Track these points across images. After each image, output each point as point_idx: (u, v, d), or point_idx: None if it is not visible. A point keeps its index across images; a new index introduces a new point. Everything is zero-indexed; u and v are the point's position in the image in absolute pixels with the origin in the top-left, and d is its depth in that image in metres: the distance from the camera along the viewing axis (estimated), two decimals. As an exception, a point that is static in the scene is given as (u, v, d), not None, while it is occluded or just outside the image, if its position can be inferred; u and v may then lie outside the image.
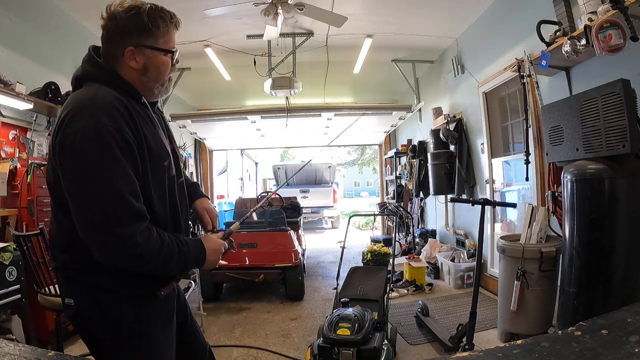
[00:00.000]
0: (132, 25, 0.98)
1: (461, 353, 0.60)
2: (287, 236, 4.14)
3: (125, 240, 0.90)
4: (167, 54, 1.04)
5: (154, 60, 1.03)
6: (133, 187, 0.93)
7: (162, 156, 1.05)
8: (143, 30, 0.99)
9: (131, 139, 0.94)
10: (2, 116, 2.88)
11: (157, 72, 1.05)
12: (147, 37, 1.00)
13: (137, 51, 1.00)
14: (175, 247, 1.00)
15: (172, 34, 1.05)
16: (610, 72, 2.24)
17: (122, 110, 0.94)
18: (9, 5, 2.98)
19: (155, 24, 1.00)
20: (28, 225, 2.68)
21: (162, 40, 1.03)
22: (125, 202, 0.90)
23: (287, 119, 5.84)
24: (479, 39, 4.14)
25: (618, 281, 1.90)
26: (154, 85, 1.06)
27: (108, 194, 0.89)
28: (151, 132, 1.03)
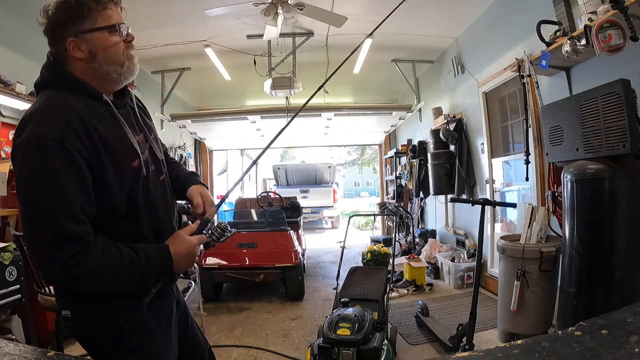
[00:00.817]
0: (64, 15, 0.93)
1: (461, 353, 0.60)
2: (287, 236, 4.14)
3: (54, 265, 0.85)
4: (112, 32, 0.96)
5: (99, 43, 0.95)
6: (69, 205, 0.85)
7: (129, 157, 0.97)
8: (76, 16, 0.93)
9: (77, 150, 0.86)
10: (2, 116, 2.88)
11: (106, 53, 0.97)
12: (82, 22, 0.94)
13: (77, 40, 0.94)
14: (126, 262, 0.92)
15: (111, 11, 0.97)
16: (610, 72, 2.24)
17: (70, 118, 0.87)
18: (9, 5, 2.98)
19: (85, 6, 0.93)
20: (28, 225, 2.68)
21: (100, 19, 0.95)
22: (54, 224, 0.83)
23: (287, 119, 5.85)
24: (479, 39, 4.14)
25: (618, 281, 1.90)
26: (108, 69, 0.98)
27: (39, 214, 0.84)
28: (115, 134, 0.96)
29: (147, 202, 1.03)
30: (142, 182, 1.01)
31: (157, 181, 1.09)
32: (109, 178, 0.92)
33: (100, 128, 0.92)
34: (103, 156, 0.91)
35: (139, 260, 0.94)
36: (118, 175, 0.94)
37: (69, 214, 0.85)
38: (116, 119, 0.99)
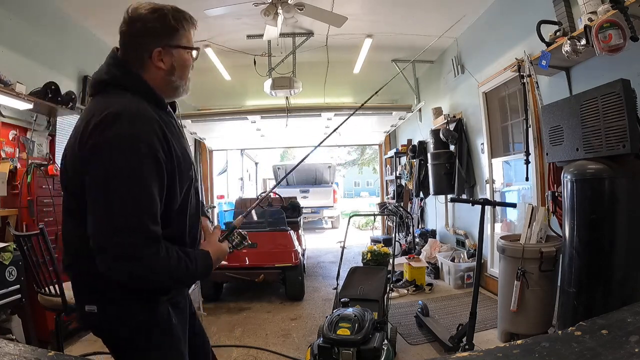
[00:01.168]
0: (160, 26, 1.00)
1: (461, 353, 0.60)
2: (287, 236, 4.14)
3: (132, 261, 0.89)
4: (190, 52, 1.07)
5: (180, 59, 1.05)
6: (153, 209, 0.91)
7: (187, 167, 1.04)
8: (170, 31, 1.01)
9: (162, 157, 0.92)
10: (2, 116, 2.88)
11: (183, 70, 1.06)
12: (173, 38, 1.02)
13: (164, 52, 1.01)
14: (182, 266, 0.97)
15: (192, 34, 1.08)
16: (610, 72, 2.24)
17: (156, 127, 0.93)
18: (9, 5, 2.98)
19: (180, 24, 1.03)
20: (28, 225, 2.68)
21: (185, 39, 1.05)
22: (141, 225, 0.88)
23: (287, 119, 5.84)
24: (479, 39, 4.14)
25: (618, 281, 1.90)
26: (180, 84, 1.07)
27: (128, 212, 0.88)
28: (179, 144, 1.02)
29: (192, 209, 1.09)
30: (194, 193, 1.09)
31: (196, 190, 1.15)
32: (175, 185, 0.98)
33: (172, 138, 0.98)
34: (175, 165, 0.97)
35: (191, 264, 0.99)
36: (181, 182, 1.00)
37: (153, 216, 0.91)
38: (178, 129, 1.06)
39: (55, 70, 3.46)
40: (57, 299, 2.03)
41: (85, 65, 3.96)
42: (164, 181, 0.94)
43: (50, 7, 3.46)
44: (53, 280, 2.08)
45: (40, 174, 2.80)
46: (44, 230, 2.00)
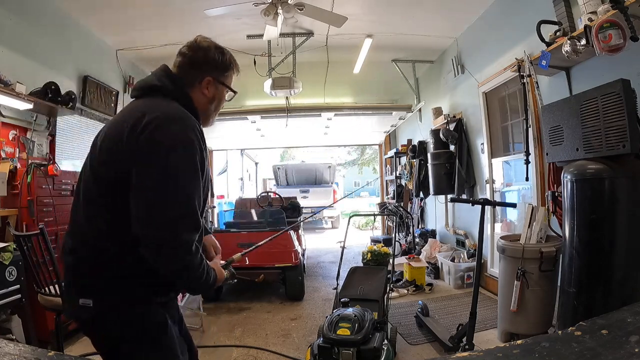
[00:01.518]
0: (218, 61, 1.16)
1: (461, 353, 0.60)
2: (287, 236, 4.14)
3: (184, 246, 0.96)
4: (228, 93, 1.22)
5: (220, 94, 1.19)
6: (200, 201, 1.02)
7: (209, 175, 1.14)
8: (223, 68, 1.17)
9: (200, 159, 1.01)
10: (2, 116, 2.88)
11: (219, 104, 1.21)
12: (223, 74, 1.18)
13: (213, 82, 1.16)
14: (209, 269, 1.07)
15: (233, 78, 1.22)
16: (610, 72, 2.24)
17: (199, 134, 1.04)
18: (9, 5, 2.98)
19: (231, 67, 1.19)
20: (28, 225, 2.68)
21: (229, 79, 1.20)
22: (195, 213, 0.98)
23: (287, 119, 5.85)
24: (479, 39, 4.14)
25: (618, 281, 1.90)
26: (212, 114, 1.21)
27: (185, 200, 0.96)
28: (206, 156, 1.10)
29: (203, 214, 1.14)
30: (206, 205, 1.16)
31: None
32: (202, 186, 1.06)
33: (204, 148, 1.08)
34: (205, 171, 1.06)
35: (210, 272, 1.08)
36: (204, 189, 1.08)
37: (200, 208, 1.01)
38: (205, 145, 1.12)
39: (55, 70, 3.46)
40: (57, 299, 2.03)
41: (85, 65, 3.96)
42: (201, 181, 1.04)
43: (50, 7, 3.46)
44: (53, 280, 2.09)
45: (40, 174, 2.79)
46: (44, 230, 2.00)
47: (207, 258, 1.24)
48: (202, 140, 1.05)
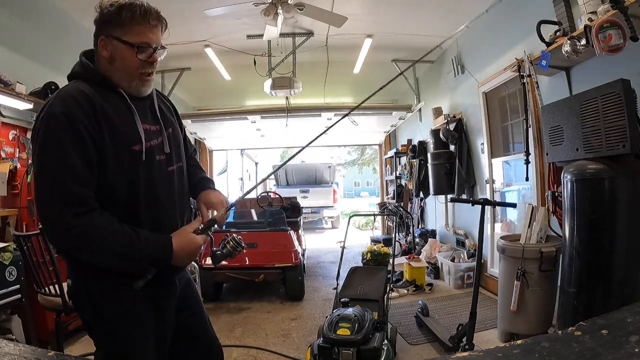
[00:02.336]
0: (107, 16, 1.02)
1: (461, 353, 0.60)
2: (287, 236, 4.14)
3: (57, 224, 0.93)
4: (133, 48, 1.04)
5: (118, 52, 1.04)
6: (73, 170, 0.93)
7: (131, 141, 1.04)
8: (112, 20, 1.02)
9: (82, 124, 0.95)
10: (2, 116, 2.88)
11: (123, 64, 1.05)
12: (115, 28, 1.03)
13: (106, 40, 1.04)
14: (126, 239, 0.97)
15: (143, 28, 1.05)
16: (610, 72, 2.24)
17: (80, 100, 0.97)
18: (9, 5, 2.98)
19: (126, 17, 1.02)
20: (28, 225, 2.68)
21: (132, 34, 1.03)
22: (60, 187, 0.92)
23: (287, 119, 5.85)
24: (479, 39, 4.14)
25: (618, 281, 1.90)
26: (122, 76, 1.07)
27: (46, 178, 0.93)
28: (122, 118, 1.04)
29: (147, 188, 1.07)
30: (144, 167, 1.06)
31: (163, 171, 1.13)
32: (109, 156, 1.00)
33: (109, 110, 1.01)
34: (105, 134, 0.99)
35: (139, 242, 0.98)
36: (118, 154, 1.01)
37: (74, 177, 0.93)
38: (128, 108, 1.07)
39: (55, 70, 3.46)
40: (57, 299, 2.03)
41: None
42: (89, 146, 0.96)
43: (50, 7, 3.46)
44: (53, 280, 2.09)
45: (40, 174, 2.79)
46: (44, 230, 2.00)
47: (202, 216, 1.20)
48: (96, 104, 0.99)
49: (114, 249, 0.97)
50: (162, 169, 1.12)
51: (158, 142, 1.12)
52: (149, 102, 1.16)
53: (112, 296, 1.05)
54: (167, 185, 1.13)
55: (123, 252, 0.98)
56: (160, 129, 1.15)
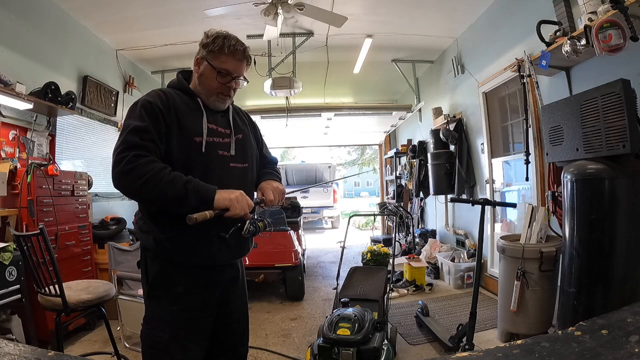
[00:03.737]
0: (205, 42, 1.33)
1: (461, 353, 0.60)
2: (287, 236, 4.14)
3: (120, 161, 1.13)
4: (214, 71, 1.31)
5: (205, 72, 1.33)
6: (143, 132, 1.18)
7: (194, 132, 1.27)
8: (209, 48, 1.32)
9: (158, 107, 1.23)
10: (2, 116, 2.88)
11: (206, 82, 1.33)
12: (209, 54, 1.32)
13: (200, 61, 1.35)
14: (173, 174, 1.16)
15: (229, 61, 1.31)
16: (610, 72, 2.24)
17: (161, 94, 1.29)
18: (9, 5, 2.98)
19: (218, 46, 1.30)
20: (28, 225, 2.68)
21: (218, 61, 1.31)
22: (131, 139, 1.16)
23: (287, 119, 5.85)
24: (479, 39, 4.14)
25: (618, 281, 1.90)
26: (204, 91, 1.35)
27: (122, 135, 1.19)
28: (190, 115, 1.29)
29: (203, 174, 1.23)
30: (203, 157, 1.27)
31: (224, 165, 1.33)
32: (175, 139, 1.24)
33: (183, 108, 1.29)
34: (174, 120, 1.25)
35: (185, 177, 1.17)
36: (182, 140, 1.25)
37: (144, 136, 1.18)
38: (199, 110, 1.32)
39: (55, 70, 3.46)
40: (57, 299, 2.03)
41: (85, 65, 3.96)
42: (161, 122, 1.22)
43: (50, 7, 3.46)
44: (53, 280, 2.08)
45: (40, 174, 2.79)
46: (44, 230, 1.99)
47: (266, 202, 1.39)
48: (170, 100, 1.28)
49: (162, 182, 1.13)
50: (223, 163, 1.32)
51: (223, 141, 1.34)
52: (223, 114, 1.41)
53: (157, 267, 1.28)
54: (225, 177, 1.31)
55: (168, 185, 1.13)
56: (230, 133, 1.37)
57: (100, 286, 2.21)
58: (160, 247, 1.26)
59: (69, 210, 3.09)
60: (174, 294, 1.27)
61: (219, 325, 1.38)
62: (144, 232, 1.30)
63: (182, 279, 1.28)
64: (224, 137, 1.35)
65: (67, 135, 3.71)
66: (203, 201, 1.16)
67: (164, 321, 1.26)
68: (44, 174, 2.83)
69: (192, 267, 1.29)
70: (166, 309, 1.26)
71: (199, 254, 1.27)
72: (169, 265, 1.27)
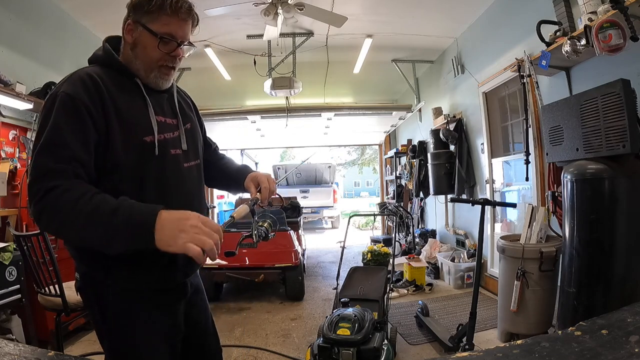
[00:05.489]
0: (140, 3, 1.00)
1: (461, 353, 0.60)
2: (287, 236, 4.14)
3: (32, 197, 0.85)
4: (156, 38, 1.00)
5: (142, 40, 1.01)
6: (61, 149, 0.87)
7: (142, 131, 0.99)
8: (143, 7, 0.99)
9: (85, 106, 0.91)
10: (2, 116, 2.88)
11: (144, 52, 1.02)
12: (143, 15, 1.00)
13: (133, 25, 1.02)
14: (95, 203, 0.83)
15: (173, 22, 1.01)
16: (610, 72, 2.24)
17: (87, 81, 0.95)
18: (9, 5, 2.98)
19: (156, 4, 0.98)
20: (28, 225, 2.68)
21: (158, 23, 1.00)
22: (42, 163, 0.86)
23: (287, 119, 5.85)
24: (479, 39, 4.14)
25: (618, 281, 1.90)
26: (141, 65, 1.03)
27: (35, 156, 0.88)
28: (135, 107, 1.01)
29: (159, 184, 1.01)
30: (155, 161, 1.00)
31: (178, 167, 1.07)
32: (116, 142, 0.95)
33: (119, 97, 0.98)
34: (111, 117, 0.95)
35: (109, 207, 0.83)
36: (125, 140, 0.96)
37: (57, 155, 0.86)
38: (141, 97, 1.03)
39: (55, 70, 3.46)
40: (57, 299, 2.03)
41: (85, 65, 3.95)
42: (88, 126, 0.91)
43: (50, 7, 3.47)
44: (53, 280, 2.09)
45: (40, 174, 2.79)
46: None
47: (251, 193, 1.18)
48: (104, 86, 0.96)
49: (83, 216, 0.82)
50: (176, 165, 1.07)
51: (174, 136, 1.08)
52: (167, 96, 1.12)
53: (116, 294, 1.01)
54: (181, 182, 1.07)
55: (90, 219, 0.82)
56: (178, 124, 1.11)
57: (100, 286, 2.21)
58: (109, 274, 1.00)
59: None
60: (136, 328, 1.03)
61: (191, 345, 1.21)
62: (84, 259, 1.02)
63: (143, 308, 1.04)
64: (173, 131, 1.08)
65: (67, 135, 3.70)
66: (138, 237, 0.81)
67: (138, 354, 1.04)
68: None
69: (154, 290, 1.06)
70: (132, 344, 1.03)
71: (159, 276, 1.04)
72: (124, 293, 1.02)
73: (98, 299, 1.03)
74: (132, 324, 1.03)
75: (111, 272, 0.99)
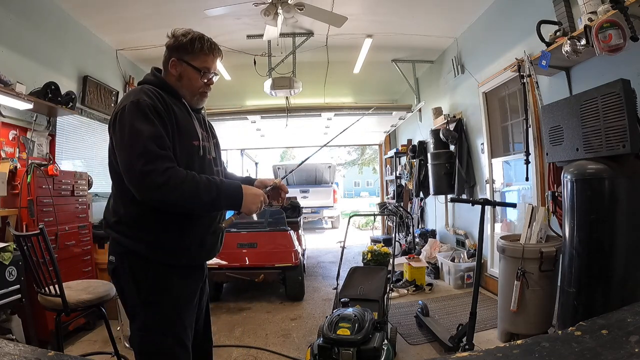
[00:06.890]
0: (179, 44, 1.32)
1: (461, 353, 0.60)
2: (287, 236, 4.14)
3: (150, 173, 1.11)
4: (197, 72, 1.33)
5: (187, 73, 1.33)
6: (159, 139, 1.16)
7: (191, 136, 1.30)
8: (185, 48, 1.32)
9: (160, 109, 1.21)
10: (2, 116, 2.88)
11: (189, 82, 1.34)
12: (186, 54, 1.32)
13: (177, 62, 1.33)
14: (204, 178, 1.19)
15: (209, 60, 1.34)
16: (610, 72, 2.24)
17: (156, 95, 1.24)
18: (9, 5, 2.98)
19: (197, 47, 1.31)
20: (28, 225, 2.68)
21: (198, 60, 1.33)
22: (148, 148, 1.13)
23: (287, 119, 5.85)
24: (479, 39, 4.14)
25: (618, 281, 1.90)
26: (186, 92, 1.35)
27: (137, 143, 1.13)
28: (183, 116, 1.30)
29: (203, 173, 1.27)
30: (199, 160, 1.30)
31: (211, 167, 1.38)
32: (174, 139, 1.23)
33: (175, 109, 1.28)
34: (173, 121, 1.25)
35: (215, 181, 1.22)
36: (180, 142, 1.25)
37: (160, 144, 1.16)
38: (189, 113, 1.35)
39: (55, 70, 3.46)
40: (57, 299, 2.03)
41: (85, 65, 3.96)
42: (167, 125, 1.21)
43: (50, 7, 3.46)
44: (53, 280, 2.08)
45: (40, 174, 2.79)
46: (44, 230, 1.99)
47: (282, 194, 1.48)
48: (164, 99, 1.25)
49: (197, 187, 1.16)
50: (210, 166, 1.37)
51: (208, 144, 1.39)
52: (201, 116, 1.44)
53: (156, 267, 1.24)
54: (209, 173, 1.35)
55: (205, 188, 1.17)
56: (209, 137, 1.42)
57: (100, 286, 2.21)
58: (152, 250, 1.24)
59: (69, 210, 3.09)
60: (171, 297, 1.27)
61: None
62: (128, 237, 1.25)
63: (177, 281, 1.28)
64: (208, 140, 1.41)
65: (67, 135, 3.71)
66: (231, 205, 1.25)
67: (166, 326, 1.26)
68: (44, 174, 2.83)
69: (183, 267, 1.31)
70: (167, 313, 1.26)
71: (193, 253, 1.32)
72: (161, 268, 1.26)
73: (134, 274, 1.24)
74: (170, 284, 1.27)
75: (154, 248, 1.24)
